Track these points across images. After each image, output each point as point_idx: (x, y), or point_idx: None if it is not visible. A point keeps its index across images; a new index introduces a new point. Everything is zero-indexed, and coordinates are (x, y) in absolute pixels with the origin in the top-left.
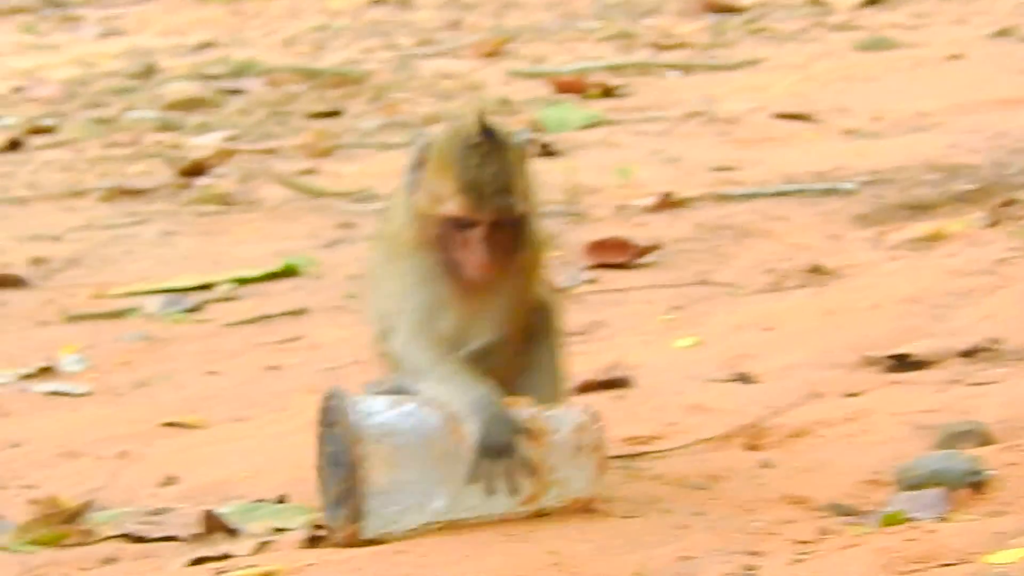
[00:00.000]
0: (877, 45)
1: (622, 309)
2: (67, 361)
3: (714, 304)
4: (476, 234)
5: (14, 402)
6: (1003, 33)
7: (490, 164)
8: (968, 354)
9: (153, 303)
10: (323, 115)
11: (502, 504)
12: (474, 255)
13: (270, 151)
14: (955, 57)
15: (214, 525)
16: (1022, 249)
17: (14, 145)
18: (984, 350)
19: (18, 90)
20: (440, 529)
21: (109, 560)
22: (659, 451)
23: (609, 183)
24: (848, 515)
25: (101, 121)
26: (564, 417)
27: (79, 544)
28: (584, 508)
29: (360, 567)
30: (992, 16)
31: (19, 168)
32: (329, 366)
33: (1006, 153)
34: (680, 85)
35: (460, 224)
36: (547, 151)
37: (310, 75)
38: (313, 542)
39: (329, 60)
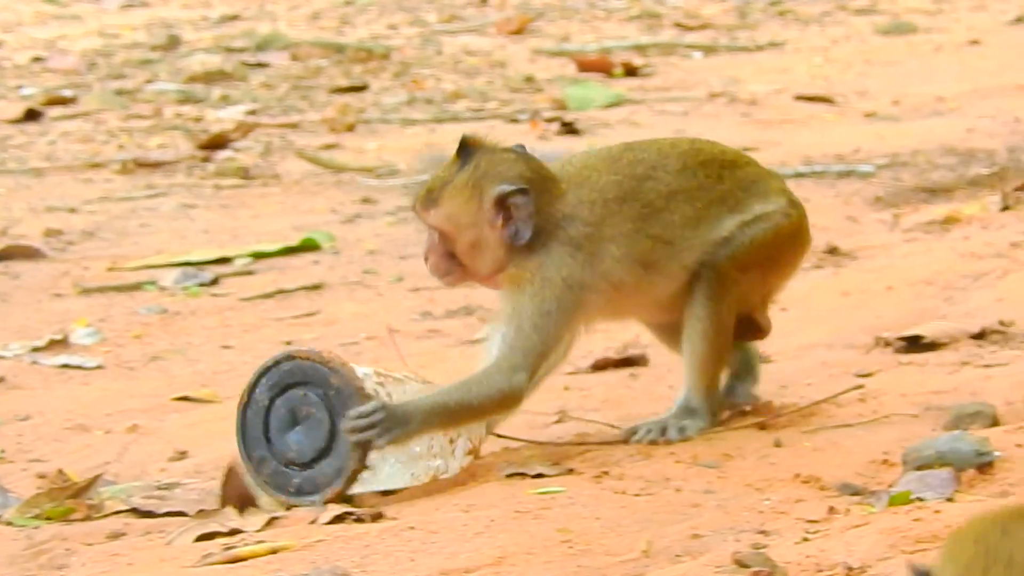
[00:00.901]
0: (898, 29)
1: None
2: (80, 334)
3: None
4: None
5: (25, 375)
6: (1022, 20)
7: (441, 173)
8: (979, 336)
9: (169, 276)
10: (347, 90)
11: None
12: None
13: (292, 125)
14: (974, 43)
15: (233, 494)
16: None
17: (32, 115)
18: (995, 332)
19: (38, 60)
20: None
21: (116, 535)
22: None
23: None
24: (857, 494)
25: (122, 92)
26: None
27: (86, 519)
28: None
29: (370, 543)
30: (1012, 3)
31: (37, 139)
32: (345, 341)
33: (1022, 138)
34: (703, 66)
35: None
36: (570, 129)
37: (335, 50)
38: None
39: (354, 35)
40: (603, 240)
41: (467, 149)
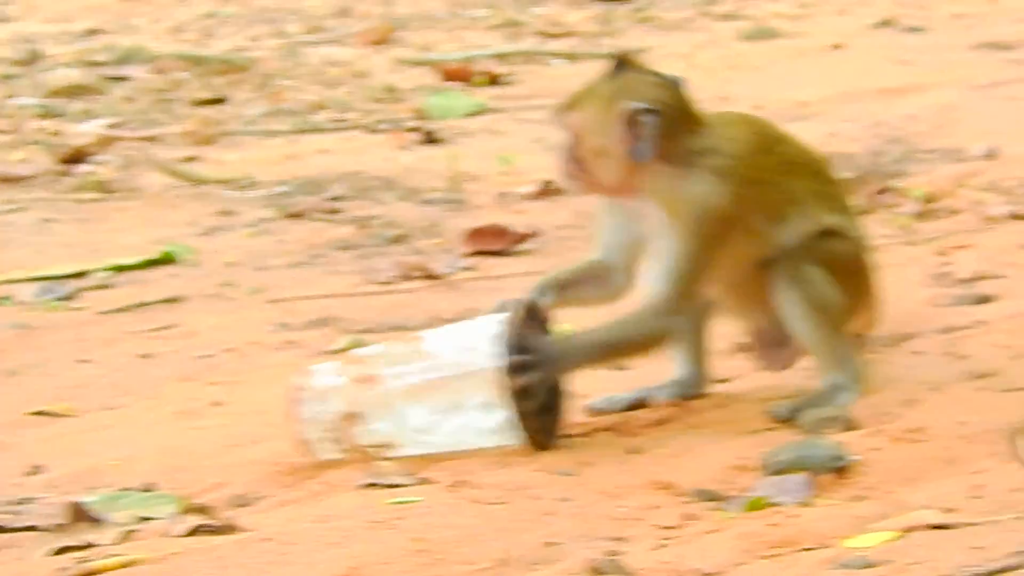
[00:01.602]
0: (761, 35)
1: (500, 296)
2: None
3: None
4: None
5: None
6: (884, 24)
7: (589, 85)
8: None
9: (27, 291)
10: (208, 102)
11: None
12: None
13: (153, 138)
14: (837, 47)
15: (78, 514)
16: (897, 237)
17: None
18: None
19: None
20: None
21: None
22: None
23: (491, 170)
24: (713, 500)
25: None
26: None
27: None
28: None
29: (224, 556)
30: (874, 7)
31: None
32: (203, 353)
33: (884, 142)
34: (566, 73)
35: None
36: (431, 139)
37: (196, 62)
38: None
39: (216, 47)
40: (747, 180)
41: (621, 65)
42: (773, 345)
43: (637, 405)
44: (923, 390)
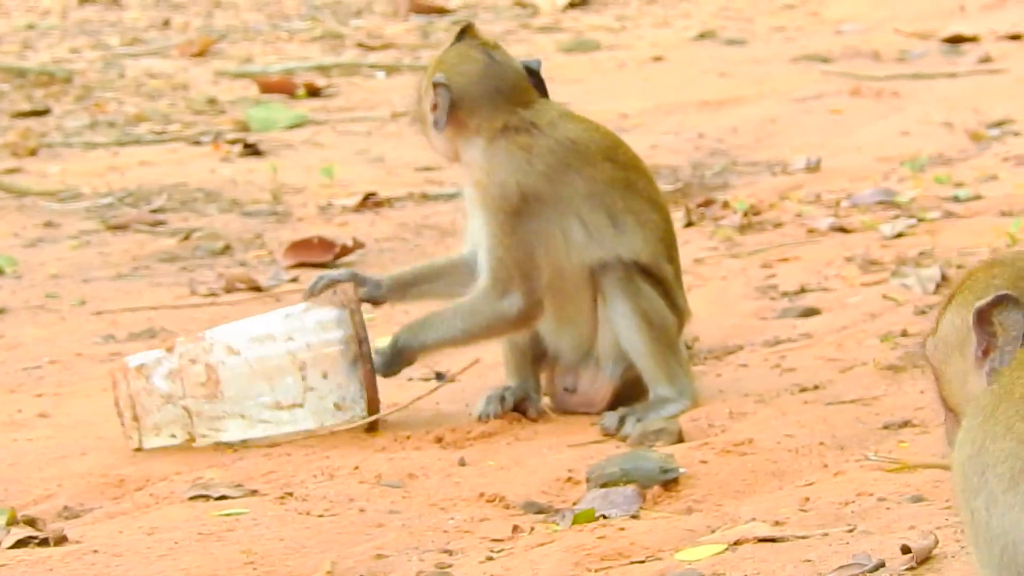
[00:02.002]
0: (582, 47)
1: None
2: None
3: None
4: None
5: None
6: (705, 36)
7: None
8: None
9: None
10: (29, 114)
11: None
12: None
13: None
14: (658, 59)
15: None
16: (719, 249)
17: None
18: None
19: None
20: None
21: None
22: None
23: (313, 183)
24: (541, 513)
25: None
26: None
27: None
28: None
29: (52, 568)
30: (694, 19)
31: None
32: (28, 365)
33: (706, 154)
34: (386, 85)
35: None
36: (253, 151)
37: (16, 74)
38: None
39: (36, 59)
40: (568, 167)
41: (461, 35)
42: (580, 388)
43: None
44: (750, 403)
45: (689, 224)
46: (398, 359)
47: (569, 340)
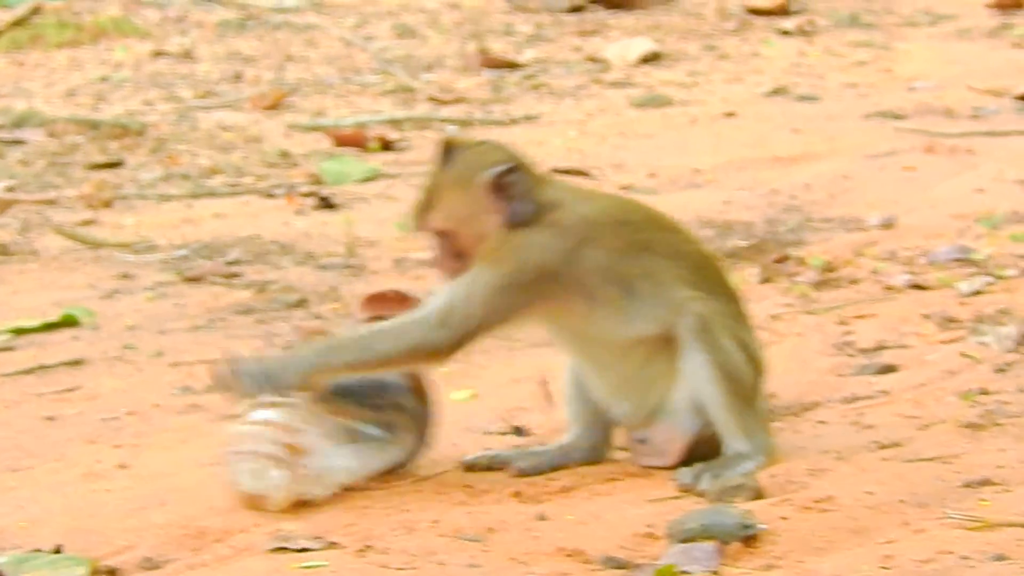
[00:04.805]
0: (654, 102)
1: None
2: None
3: (491, 357)
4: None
5: None
6: (777, 92)
7: (428, 181)
8: None
9: None
10: (103, 166)
11: None
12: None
13: (50, 202)
14: (730, 115)
15: None
16: (794, 305)
17: None
18: None
19: None
20: None
21: None
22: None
23: (387, 236)
24: (621, 568)
25: None
26: None
27: None
28: None
29: None
30: (766, 75)
31: None
32: (106, 416)
33: (779, 210)
34: None
35: None
36: (326, 204)
37: (91, 126)
38: None
39: (110, 112)
40: (591, 240)
41: (448, 150)
42: (652, 441)
43: (559, 467)
44: (829, 459)
45: (765, 280)
46: (285, 381)
47: (634, 401)
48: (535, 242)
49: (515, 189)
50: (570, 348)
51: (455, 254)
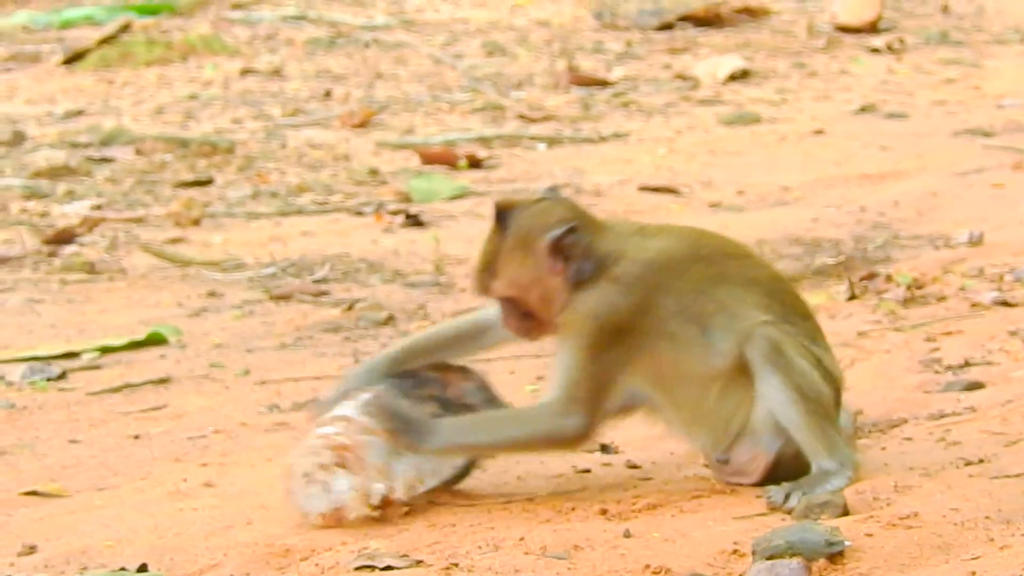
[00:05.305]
0: (742, 120)
1: (488, 380)
2: None
3: None
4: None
5: None
6: (865, 110)
7: (487, 247)
8: None
9: (16, 371)
10: (192, 184)
11: None
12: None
13: (138, 220)
14: (818, 132)
15: None
16: (882, 322)
17: None
18: None
19: None
20: None
21: None
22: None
23: (476, 254)
24: None
25: None
26: None
27: None
28: None
29: None
30: (855, 93)
31: None
32: (193, 435)
33: (867, 228)
34: (547, 157)
35: None
36: (415, 221)
37: (179, 144)
38: None
39: (198, 129)
40: (658, 286)
41: (503, 215)
42: (735, 461)
43: None
44: (915, 476)
45: (852, 297)
46: (426, 447)
47: (713, 433)
48: (602, 301)
49: (575, 249)
50: (648, 390)
51: (523, 315)
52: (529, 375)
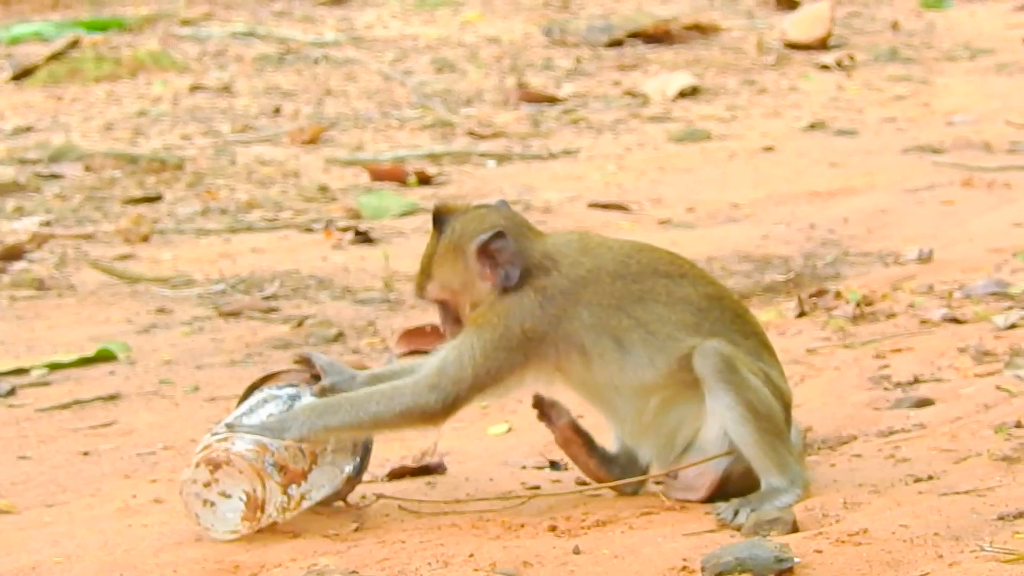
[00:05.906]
0: (692, 137)
1: None
2: None
3: (527, 392)
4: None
5: None
6: (815, 126)
7: (426, 250)
8: None
9: None
10: (141, 200)
11: None
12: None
13: (87, 236)
14: (768, 149)
15: None
16: (832, 339)
17: None
18: None
19: None
20: None
21: None
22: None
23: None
24: None
25: None
26: None
27: None
28: None
29: None
30: (805, 110)
31: None
32: (142, 451)
33: (817, 244)
34: (497, 174)
35: None
36: (365, 238)
37: (128, 160)
38: None
39: (148, 146)
40: (578, 300)
41: (440, 219)
42: (683, 475)
43: None
44: (864, 493)
45: (802, 314)
46: (290, 436)
47: (659, 444)
48: (521, 306)
49: (502, 255)
50: (584, 398)
51: (456, 320)
52: None
